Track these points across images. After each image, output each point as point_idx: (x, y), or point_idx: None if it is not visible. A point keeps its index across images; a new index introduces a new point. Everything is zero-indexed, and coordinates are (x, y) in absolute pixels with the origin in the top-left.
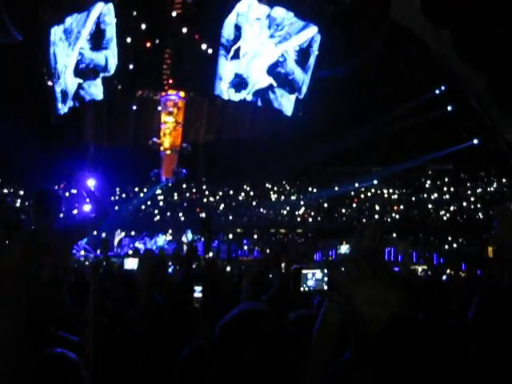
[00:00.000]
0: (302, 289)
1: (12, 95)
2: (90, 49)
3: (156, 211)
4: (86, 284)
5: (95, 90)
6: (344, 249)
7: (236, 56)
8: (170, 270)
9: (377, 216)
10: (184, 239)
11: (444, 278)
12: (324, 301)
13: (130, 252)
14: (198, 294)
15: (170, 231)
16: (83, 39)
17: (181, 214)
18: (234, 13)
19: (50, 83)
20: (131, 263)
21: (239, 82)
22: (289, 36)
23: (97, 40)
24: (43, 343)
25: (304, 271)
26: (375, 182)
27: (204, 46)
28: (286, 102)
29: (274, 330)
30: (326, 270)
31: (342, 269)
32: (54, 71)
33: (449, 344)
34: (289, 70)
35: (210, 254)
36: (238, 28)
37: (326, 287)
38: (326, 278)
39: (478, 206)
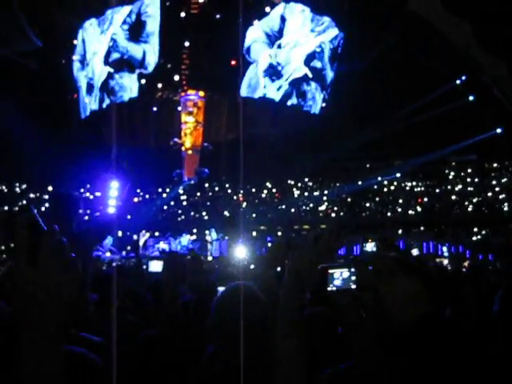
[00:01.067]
0: (329, 288)
1: (34, 99)
2: (126, 38)
3: (179, 211)
4: (110, 286)
5: (129, 82)
6: (370, 246)
7: (279, 47)
8: None
9: (400, 209)
10: (208, 238)
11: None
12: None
13: (156, 253)
14: None
15: (194, 231)
16: (116, 25)
17: (204, 213)
18: (282, 4)
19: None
20: (156, 266)
21: (274, 72)
22: (330, 28)
23: (135, 31)
24: (65, 344)
25: (330, 270)
26: (398, 175)
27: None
28: (317, 97)
29: (257, 301)
30: (352, 269)
31: (370, 267)
32: (82, 59)
33: (475, 342)
34: (324, 64)
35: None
36: (283, 19)
37: (353, 286)
38: (353, 277)
39: (504, 196)
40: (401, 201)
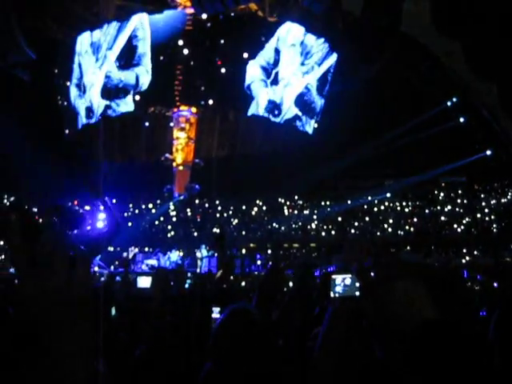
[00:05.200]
0: (332, 295)
1: (25, 113)
2: (118, 68)
3: (169, 227)
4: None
5: (125, 107)
6: None
7: (275, 81)
8: (186, 285)
9: (390, 229)
10: (198, 255)
11: None
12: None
13: (144, 267)
14: (216, 315)
15: (184, 247)
16: (111, 61)
17: (194, 230)
18: (275, 37)
19: (65, 103)
20: (145, 281)
21: (273, 108)
22: (316, 66)
23: (127, 57)
24: None
25: (333, 276)
26: (388, 195)
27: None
28: (308, 128)
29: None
30: (355, 276)
31: (372, 274)
32: (78, 82)
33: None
34: (312, 99)
35: None
36: (277, 52)
37: (357, 293)
38: (357, 284)
39: (492, 217)
40: (391, 221)
